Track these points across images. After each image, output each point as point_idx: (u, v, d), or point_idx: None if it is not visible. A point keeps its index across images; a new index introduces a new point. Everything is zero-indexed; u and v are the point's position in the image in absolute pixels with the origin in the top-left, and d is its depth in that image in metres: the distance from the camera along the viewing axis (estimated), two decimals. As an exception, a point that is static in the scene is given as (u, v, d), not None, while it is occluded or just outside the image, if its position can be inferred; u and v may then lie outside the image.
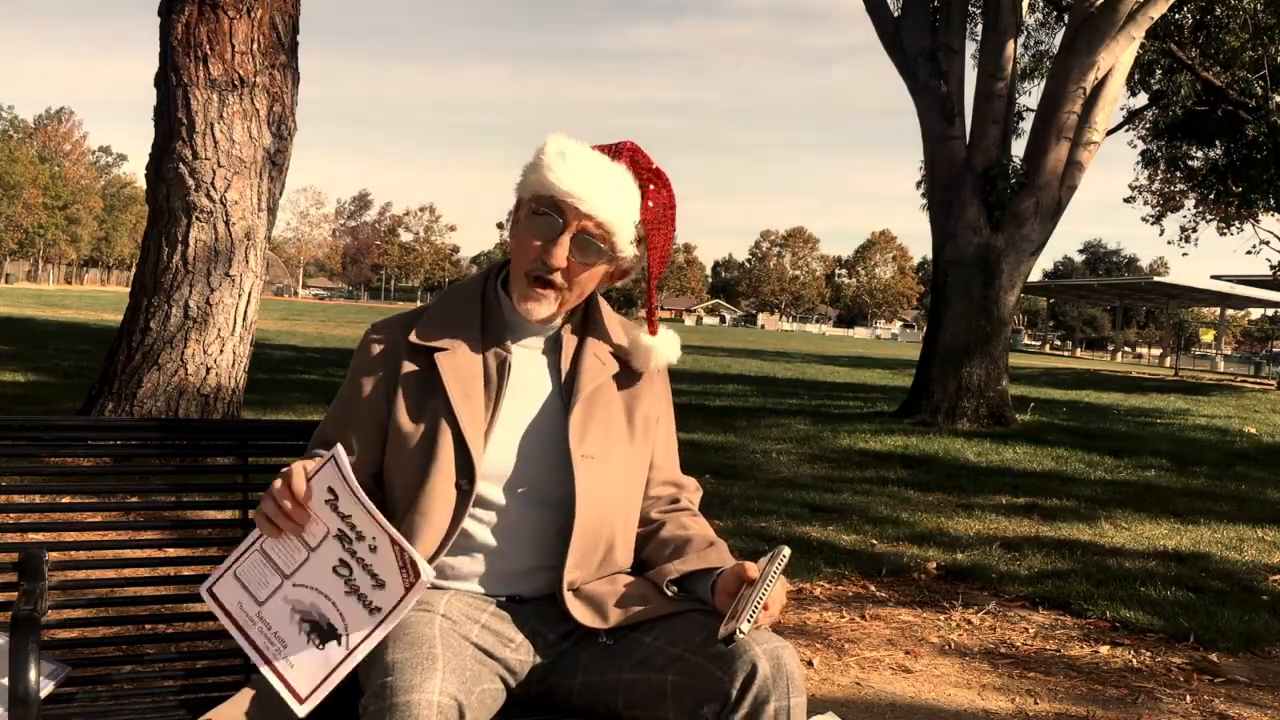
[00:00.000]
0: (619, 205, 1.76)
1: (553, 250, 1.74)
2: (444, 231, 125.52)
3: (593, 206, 1.73)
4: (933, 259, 12.61)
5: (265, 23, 6.28)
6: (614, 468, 1.81)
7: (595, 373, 1.83)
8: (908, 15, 12.28)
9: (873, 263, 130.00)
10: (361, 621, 1.58)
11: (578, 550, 1.76)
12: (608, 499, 1.79)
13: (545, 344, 1.85)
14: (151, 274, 6.24)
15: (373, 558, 1.58)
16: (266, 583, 1.64)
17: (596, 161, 1.77)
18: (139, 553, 2.15)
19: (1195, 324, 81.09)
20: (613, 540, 1.81)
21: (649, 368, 1.88)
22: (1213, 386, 28.77)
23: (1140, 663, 3.91)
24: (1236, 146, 22.41)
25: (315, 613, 1.61)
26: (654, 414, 1.91)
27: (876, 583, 4.84)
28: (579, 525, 1.75)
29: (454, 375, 1.76)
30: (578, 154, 1.76)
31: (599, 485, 1.77)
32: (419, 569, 1.54)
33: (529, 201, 1.78)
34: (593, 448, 1.78)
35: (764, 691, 1.58)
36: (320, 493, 1.60)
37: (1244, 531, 6.58)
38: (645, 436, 1.88)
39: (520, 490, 1.77)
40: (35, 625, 1.59)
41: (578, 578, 1.77)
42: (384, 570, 1.57)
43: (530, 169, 1.78)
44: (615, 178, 1.77)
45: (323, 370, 15.32)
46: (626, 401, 1.87)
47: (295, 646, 1.61)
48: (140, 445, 2.12)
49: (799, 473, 7.99)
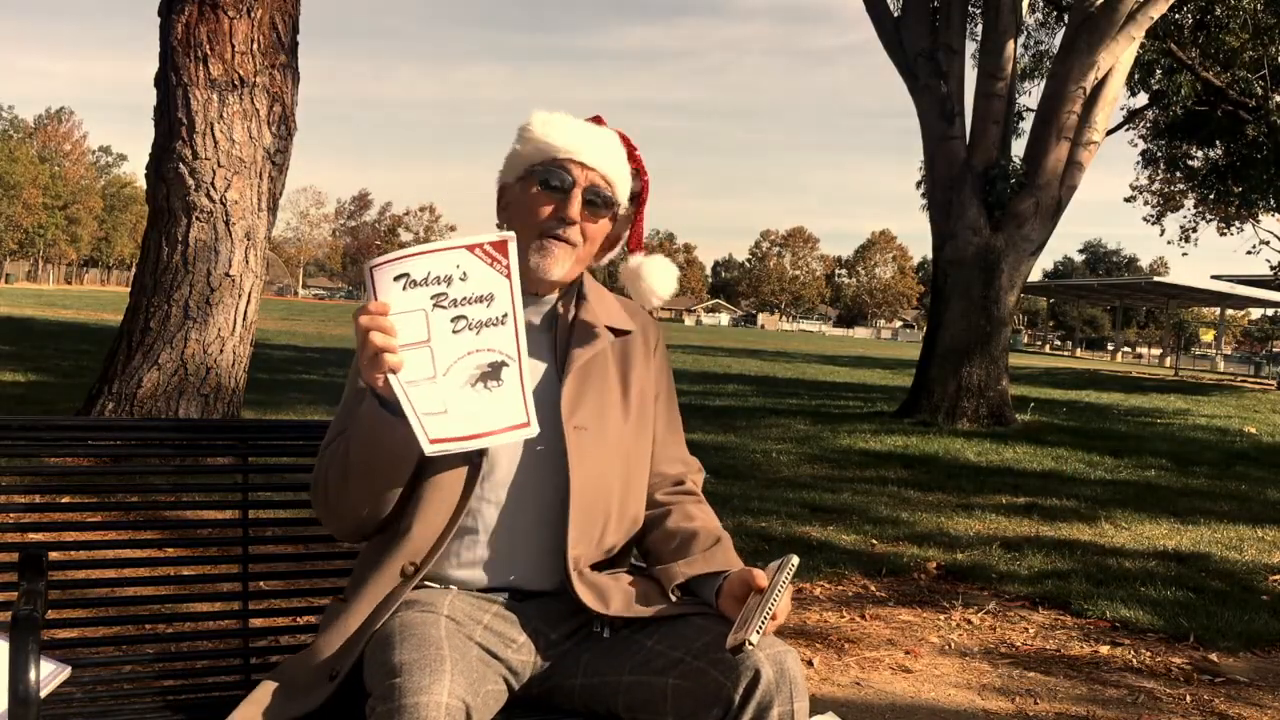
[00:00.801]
0: (616, 156, 1.84)
1: (567, 206, 1.78)
2: (444, 231, 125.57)
3: (596, 159, 1.80)
4: (933, 259, 12.62)
5: (265, 23, 6.28)
6: (608, 439, 1.80)
7: (588, 345, 1.83)
8: (908, 15, 12.28)
9: (873, 263, 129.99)
10: (507, 339, 1.62)
11: (577, 523, 1.75)
12: (601, 471, 1.78)
13: (542, 321, 1.86)
14: (151, 274, 6.24)
15: (468, 286, 1.60)
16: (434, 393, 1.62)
17: (582, 123, 1.85)
18: (139, 553, 2.15)
19: (1195, 324, 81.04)
20: (609, 513, 1.80)
21: (641, 289, 1.91)
22: (1213, 386, 28.76)
23: (1140, 663, 3.91)
24: (1236, 146, 22.42)
25: (479, 365, 1.62)
26: (651, 389, 1.91)
27: (876, 583, 4.84)
28: (575, 497, 1.74)
29: None
30: (563, 119, 1.83)
31: (593, 457, 1.77)
32: (506, 244, 1.59)
33: (531, 170, 1.81)
34: (585, 419, 1.78)
35: (768, 697, 1.58)
36: (388, 290, 1.58)
37: (1244, 531, 6.58)
38: (642, 411, 1.88)
39: (520, 466, 1.77)
40: (35, 625, 1.59)
41: (580, 554, 1.76)
42: (484, 284, 1.60)
43: (519, 144, 1.83)
44: (604, 134, 1.85)
45: (323, 370, 15.32)
46: (622, 374, 1.87)
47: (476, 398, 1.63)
48: (140, 445, 2.12)
49: (799, 473, 7.99)
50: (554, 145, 1.78)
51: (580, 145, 1.79)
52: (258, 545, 2.12)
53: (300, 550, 2.44)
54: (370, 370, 1.58)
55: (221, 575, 2.13)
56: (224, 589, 2.12)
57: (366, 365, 1.58)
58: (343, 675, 1.66)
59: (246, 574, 2.10)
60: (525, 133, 1.82)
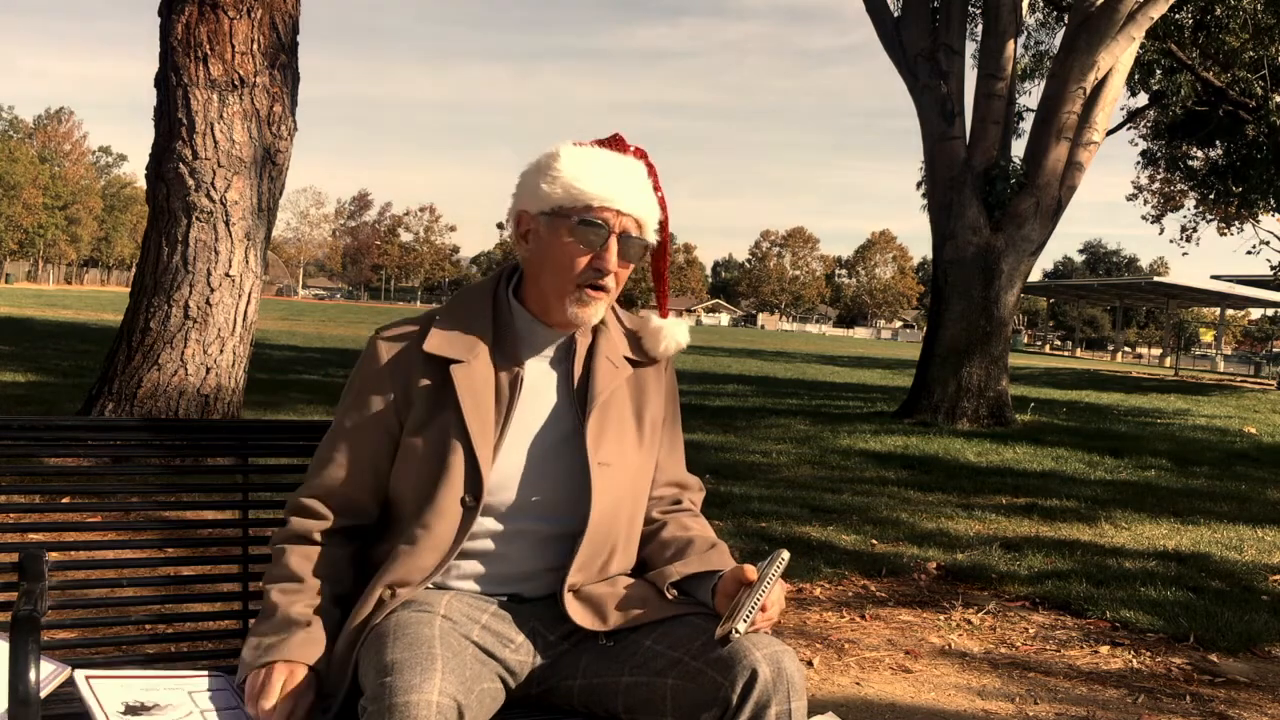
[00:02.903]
0: (646, 197, 1.79)
1: (605, 257, 1.74)
2: (444, 231, 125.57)
3: (630, 206, 1.75)
4: (933, 259, 12.62)
5: (265, 23, 6.28)
6: (626, 474, 1.80)
7: (609, 378, 1.81)
8: (908, 15, 12.28)
9: (873, 263, 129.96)
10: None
11: (585, 555, 1.75)
12: (617, 505, 1.78)
13: (556, 351, 1.83)
14: (151, 274, 6.24)
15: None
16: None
17: (613, 160, 1.78)
18: (139, 553, 2.14)
19: (1195, 324, 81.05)
20: (616, 545, 1.81)
21: (659, 350, 1.87)
22: (1213, 386, 28.76)
23: (1140, 663, 3.91)
24: (1236, 146, 22.43)
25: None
26: (661, 416, 1.90)
27: (876, 583, 4.84)
28: (590, 533, 1.74)
29: (468, 388, 1.73)
30: (596, 158, 1.76)
31: (612, 492, 1.77)
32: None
33: (562, 213, 1.74)
34: (608, 455, 1.77)
35: (764, 696, 1.58)
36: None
37: (1244, 531, 6.58)
38: (653, 439, 1.88)
39: (528, 500, 1.76)
40: (35, 625, 1.59)
41: (579, 580, 1.77)
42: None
43: (545, 180, 1.75)
44: (633, 171, 1.79)
45: (323, 370, 15.32)
46: (636, 405, 1.86)
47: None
48: (140, 445, 2.12)
49: (799, 473, 7.99)
50: (588, 194, 1.72)
51: (614, 192, 1.73)
52: (258, 545, 2.12)
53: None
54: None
55: (221, 575, 2.13)
56: (224, 589, 2.12)
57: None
58: (338, 705, 1.66)
59: (246, 574, 2.10)
60: (553, 171, 1.74)
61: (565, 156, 1.75)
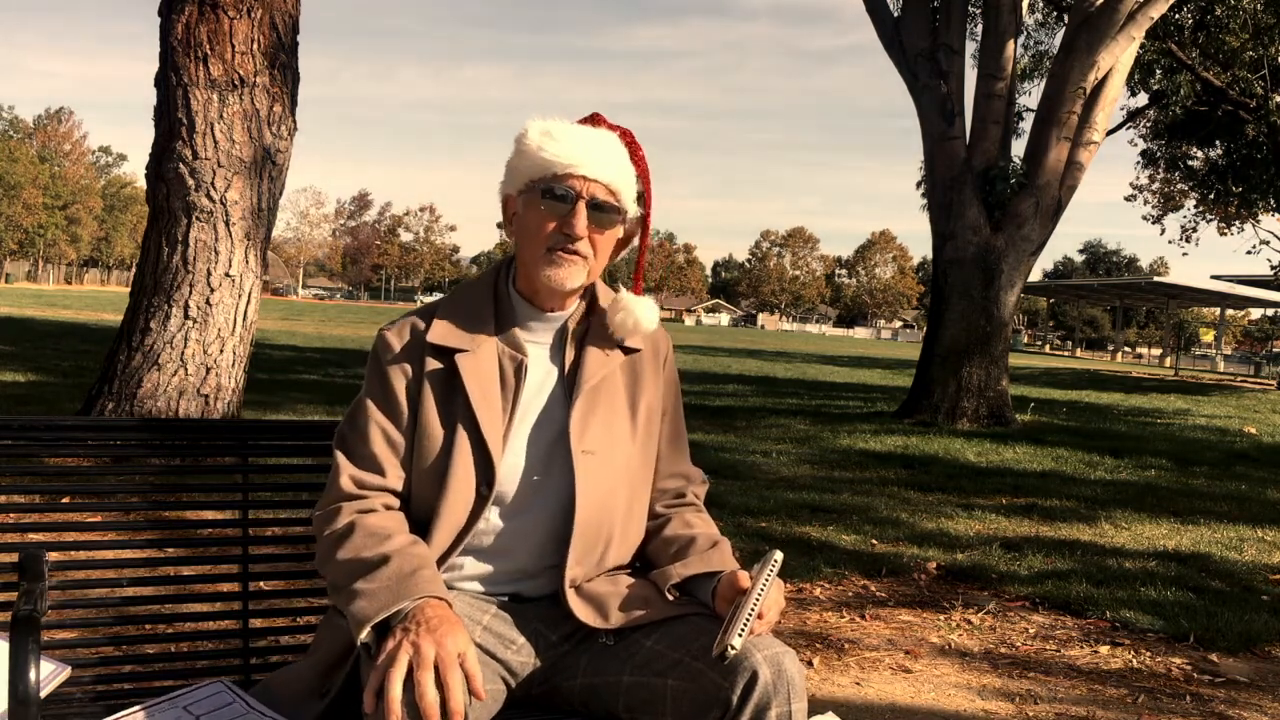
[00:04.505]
0: (619, 164, 1.78)
1: (572, 222, 1.73)
2: (444, 231, 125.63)
3: (597, 171, 1.74)
4: (933, 259, 12.61)
5: (265, 23, 6.28)
6: (615, 463, 1.79)
7: (599, 365, 1.81)
8: (908, 15, 12.28)
9: (873, 263, 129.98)
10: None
11: (578, 547, 1.75)
12: (607, 495, 1.78)
13: (554, 338, 1.83)
14: (151, 274, 6.24)
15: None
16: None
17: (580, 129, 1.78)
18: (139, 553, 2.14)
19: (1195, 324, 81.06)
20: (611, 536, 1.80)
21: (616, 324, 1.83)
22: (1213, 386, 28.76)
23: (1140, 663, 3.91)
24: (1236, 146, 22.43)
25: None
26: (659, 406, 1.90)
27: (876, 583, 4.84)
28: (579, 522, 1.74)
29: (474, 377, 1.74)
30: (563, 128, 1.77)
31: (598, 481, 1.76)
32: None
33: (532, 186, 1.76)
34: (593, 443, 1.77)
35: (765, 698, 1.58)
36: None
37: (1244, 531, 6.58)
38: (649, 429, 1.87)
39: (526, 489, 1.76)
40: (35, 625, 1.59)
41: (579, 574, 1.77)
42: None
43: (517, 158, 1.77)
44: (605, 140, 1.79)
45: (323, 370, 15.32)
46: (631, 394, 1.85)
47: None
48: (140, 445, 2.12)
49: (799, 473, 7.99)
50: (552, 160, 1.72)
51: (580, 157, 1.73)
52: (258, 545, 2.12)
53: (300, 550, 2.44)
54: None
55: (221, 575, 2.13)
56: (224, 589, 2.12)
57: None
58: (334, 693, 1.66)
59: (246, 574, 2.10)
60: (522, 144, 1.76)
61: (531, 130, 1.77)
